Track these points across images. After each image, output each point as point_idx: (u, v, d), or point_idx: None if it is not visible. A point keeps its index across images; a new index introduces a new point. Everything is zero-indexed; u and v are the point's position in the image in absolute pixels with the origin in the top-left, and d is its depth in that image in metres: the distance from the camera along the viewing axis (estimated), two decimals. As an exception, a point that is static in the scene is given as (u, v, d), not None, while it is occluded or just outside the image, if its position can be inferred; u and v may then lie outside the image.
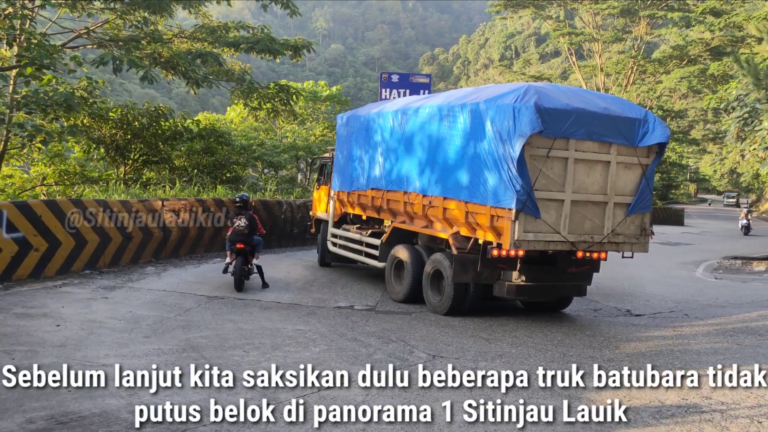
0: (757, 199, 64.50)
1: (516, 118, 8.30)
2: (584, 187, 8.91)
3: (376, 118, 11.84)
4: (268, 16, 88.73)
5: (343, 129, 13.41)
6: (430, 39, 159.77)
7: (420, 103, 10.74)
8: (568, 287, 9.96)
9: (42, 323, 7.99)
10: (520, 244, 8.52)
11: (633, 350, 8.03)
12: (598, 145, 8.90)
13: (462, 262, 9.40)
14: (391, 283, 11.11)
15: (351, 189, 12.63)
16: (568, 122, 8.56)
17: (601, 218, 9.07)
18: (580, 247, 8.97)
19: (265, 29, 21.38)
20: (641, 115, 9.21)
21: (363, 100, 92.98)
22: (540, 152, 8.54)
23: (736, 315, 10.90)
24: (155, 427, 4.87)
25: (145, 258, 13.50)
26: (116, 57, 17.29)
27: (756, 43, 34.56)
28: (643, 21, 46.07)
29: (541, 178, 8.57)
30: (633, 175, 9.24)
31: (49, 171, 19.10)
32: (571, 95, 9.10)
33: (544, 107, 8.33)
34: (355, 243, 12.53)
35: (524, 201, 8.36)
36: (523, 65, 70.08)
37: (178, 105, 67.72)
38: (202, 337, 7.74)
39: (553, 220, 8.72)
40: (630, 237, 9.33)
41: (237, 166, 23.56)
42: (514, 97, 8.47)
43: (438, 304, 9.90)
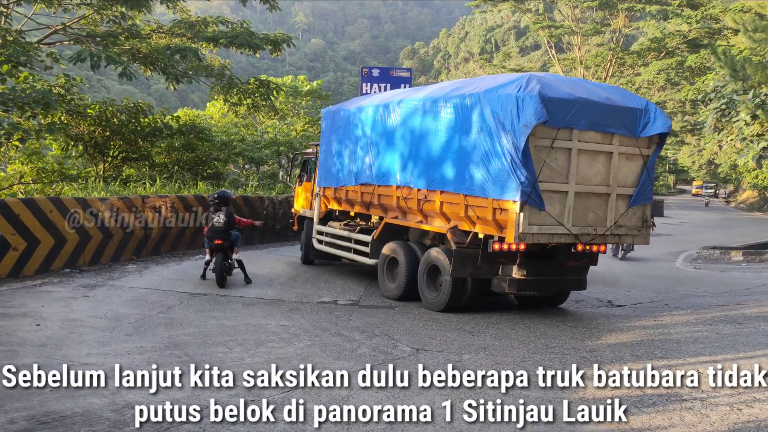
0: (735, 189, 65.22)
1: (520, 108, 8.11)
2: (587, 178, 8.77)
3: (365, 111, 11.58)
4: (247, 11, 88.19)
5: (329, 123, 13.11)
6: (411, 33, 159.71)
7: (412, 96, 10.52)
8: (568, 281, 9.84)
9: (22, 323, 7.90)
10: (525, 237, 8.31)
11: (615, 341, 8.10)
12: (601, 135, 8.78)
13: (461, 257, 9.20)
14: (384, 281, 10.86)
15: (338, 185, 12.38)
16: (572, 112, 8.42)
17: (604, 210, 8.95)
18: (583, 240, 8.82)
19: (245, 24, 21.27)
20: (642, 105, 9.10)
21: (344, 95, 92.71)
22: (544, 143, 8.37)
23: (715, 304, 11.03)
24: (138, 425, 4.83)
25: (126, 256, 13.39)
26: (94, 53, 17.10)
27: (732, 35, 34.91)
28: (621, 14, 46.32)
29: (545, 170, 8.39)
30: (634, 166, 9.12)
31: (26, 169, 18.82)
32: (572, 85, 8.97)
33: (548, 97, 8.14)
34: (343, 240, 12.27)
35: (529, 193, 8.17)
36: (503, 58, 70.12)
37: (157, 101, 67.08)
38: (184, 335, 7.70)
39: (557, 212, 8.56)
40: (632, 229, 9.24)
41: (218, 163, 23.44)
42: (516, 87, 8.29)
43: (435, 301, 9.69)
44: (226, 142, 24.35)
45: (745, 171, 49.19)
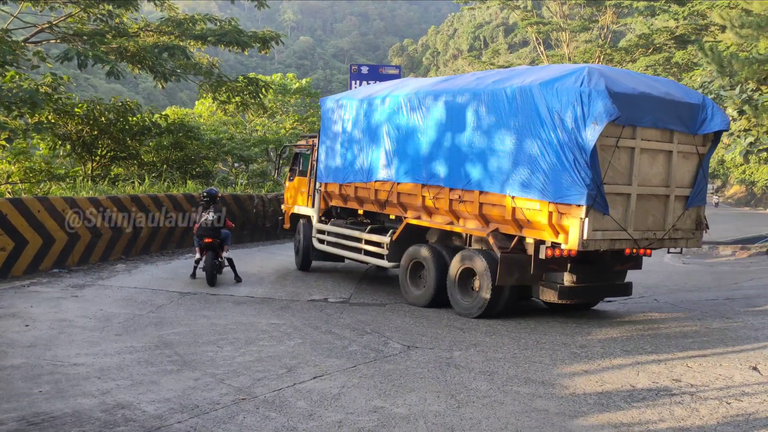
0: (723, 184, 65.66)
1: (585, 104, 7.46)
2: (648, 179, 8.22)
3: (382, 102, 10.68)
4: (236, 8, 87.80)
5: (332, 114, 12.03)
6: (399, 30, 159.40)
7: (444, 86, 9.72)
8: (616, 287, 9.37)
9: (10, 323, 7.85)
10: (588, 244, 7.70)
11: (605, 336, 8.13)
12: (661, 133, 8.24)
13: (508, 263, 8.48)
14: (407, 286, 10.19)
15: (345, 181, 11.49)
16: (636, 108, 7.82)
17: (662, 213, 8.46)
18: (642, 245, 8.31)
19: (233, 22, 21.18)
20: (700, 100, 8.57)
21: (333, 92, 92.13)
22: (609, 142, 7.76)
23: (704, 299, 11.11)
24: (128, 425, 4.81)
25: (116, 255, 13.33)
26: (81, 52, 16.98)
27: (719, 32, 35.07)
28: (609, 10, 46.46)
29: (610, 171, 7.80)
30: (690, 165, 8.61)
31: (14, 169, 18.72)
32: (631, 78, 8.34)
33: (615, 91, 7.51)
34: (352, 240, 11.47)
35: (594, 196, 7.57)
36: (491, 55, 70.26)
37: (145, 100, 66.71)
38: (175, 334, 7.67)
39: (620, 216, 8.01)
40: (687, 232, 8.76)
41: (207, 161, 23.36)
42: (577, 80, 7.65)
43: (469, 307, 9.09)
44: (215, 140, 24.27)
45: (732, 166, 49.55)
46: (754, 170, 46.25)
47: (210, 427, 4.80)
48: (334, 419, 5.03)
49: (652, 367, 6.65)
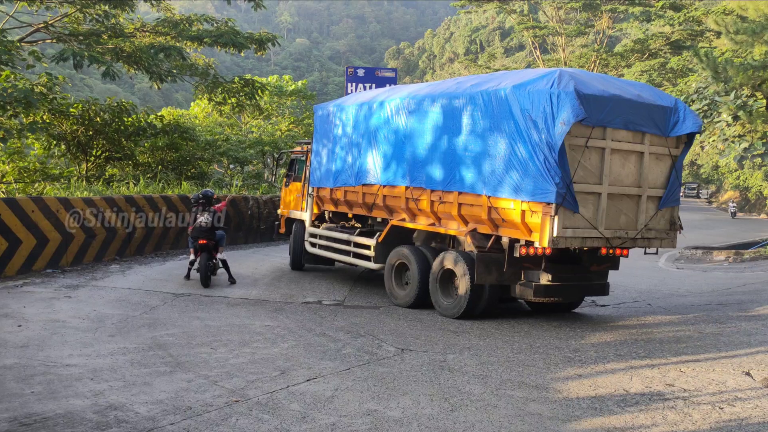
0: (717, 190, 65.84)
1: (554, 105, 7.68)
2: (619, 179, 8.43)
3: (368, 108, 10.98)
4: (232, 9, 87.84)
5: (324, 121, 12.40)
6: (396, 33, 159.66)
7: (425, 92, 9.95)
8: (593, 286, 9.49)
9: (3, 324, 7.81)
10: (558, 242, 7.90)
11: (598, 340, 8.14)
12: (632, 134, 8.45)
13: (485, 263, 8.74)
14: (392, 287, 10.34)
15: (335, 185, 11.74)
16: (606, 110, 8.04)
17: (635, 212, 8.64)
18: (614, 244, 8.49)
19: (229, 23, 21.18)
20: (672, 103, 8.79)
21: (329, 95, 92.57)
22: (578, 142, 7.98)
23: (697, 304, 11.13)
24: (121, 426, 4.80)
25: (110, 256, 13.30)
26: (77, 52, 16.97)
27: (715, 37, 35.25)
28: (605, 15, 46.70)
29: (579, 170, 8.00)
30: (663, 166, 8.84)
31: (8, 168, 18.64)
32: (603, 81, 8.53)
33: (584, 93, 7.73)
34: (341, 243, 11.68)
35: (564, 195, 7.77)
36: (488, 59, 70.36)
37: (141, 100, 66.67)
38: (168, 335, 7.65)
39: (591, 214, 8.20)
40: (660, 232, 8.95)
41: (202, 162, 23.32)
42: (548, 83, 7.85)
43: (450, 308, 9.24)
44: (210, 141, 24.23)
45: (726, 172, 49.70)
46: (748, 176, 46.38)
47: (203, 429, 4.78)
48: (328, 422, 5.02)
49: (645, 371, 6.66)
